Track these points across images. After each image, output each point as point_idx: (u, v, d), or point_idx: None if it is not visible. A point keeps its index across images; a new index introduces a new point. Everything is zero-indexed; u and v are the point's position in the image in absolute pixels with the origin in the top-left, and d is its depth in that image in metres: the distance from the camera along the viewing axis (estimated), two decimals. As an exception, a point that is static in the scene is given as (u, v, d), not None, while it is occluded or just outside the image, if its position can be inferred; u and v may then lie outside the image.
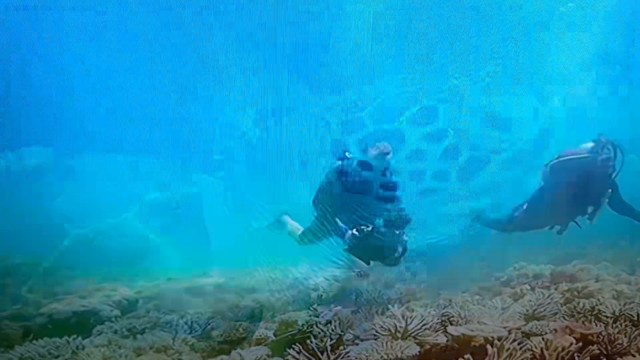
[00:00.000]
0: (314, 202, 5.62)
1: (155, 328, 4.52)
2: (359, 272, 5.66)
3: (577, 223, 5.20)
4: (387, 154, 4.87)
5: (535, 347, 2.14)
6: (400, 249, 4.70)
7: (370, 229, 4.65)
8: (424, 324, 2.45)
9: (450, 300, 5.07)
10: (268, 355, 3.19)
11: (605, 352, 2.44)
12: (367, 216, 4.81)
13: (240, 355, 3.31)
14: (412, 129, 8.28)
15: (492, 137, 8.72)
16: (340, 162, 5.44)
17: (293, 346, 2.43)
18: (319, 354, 2.38)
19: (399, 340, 2.41)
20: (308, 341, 2.41)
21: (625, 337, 2.49)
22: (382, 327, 2.47)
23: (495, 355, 2.17)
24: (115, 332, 4.35)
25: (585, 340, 2.55)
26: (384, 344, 2.34)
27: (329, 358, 2.38)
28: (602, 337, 2.51)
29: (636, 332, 2.49)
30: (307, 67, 7.31)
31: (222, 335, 3.86)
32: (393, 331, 2.45)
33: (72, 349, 3.44)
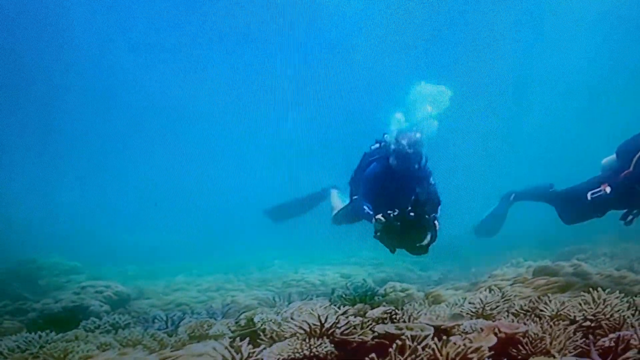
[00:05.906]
0: (350, 182, 5.52)
1: (136, 324, 4.69)
2: None
3: None
4: (419, 141, 4.67)
5: (431, 348, 2.12)
6: (429, 237, 4.26)
7: (396, 212, 4.19)
8: (338, 323, 2.46)
9: (428, 296, 5.02)
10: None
11: (525, 351, 2.38)
12: (397, 200, 4.45)
13: (198, 349, 3.43)
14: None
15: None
16: (378, 144, 5.33)
17: (210, 342, 2.50)
18: (232, 352, 2.43)
19: (314, 338, 2.44)
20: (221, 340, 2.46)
21: (549, 336, 2.43)
22: (296, 325, 2.50)
23: (394, 354, 2.17)
24: (98, 327, 4.55)
25: (511, 340, 2.50)
26: (295, 342, 2.37)
27: (242, 357, 2.44)
28: (526, 337, 2.45)
29: (558, 332, 2.42)
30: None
31: (186, 331, 3.98)
32: (308, 330, 2.47)
33: (41, 343, 3.63)
